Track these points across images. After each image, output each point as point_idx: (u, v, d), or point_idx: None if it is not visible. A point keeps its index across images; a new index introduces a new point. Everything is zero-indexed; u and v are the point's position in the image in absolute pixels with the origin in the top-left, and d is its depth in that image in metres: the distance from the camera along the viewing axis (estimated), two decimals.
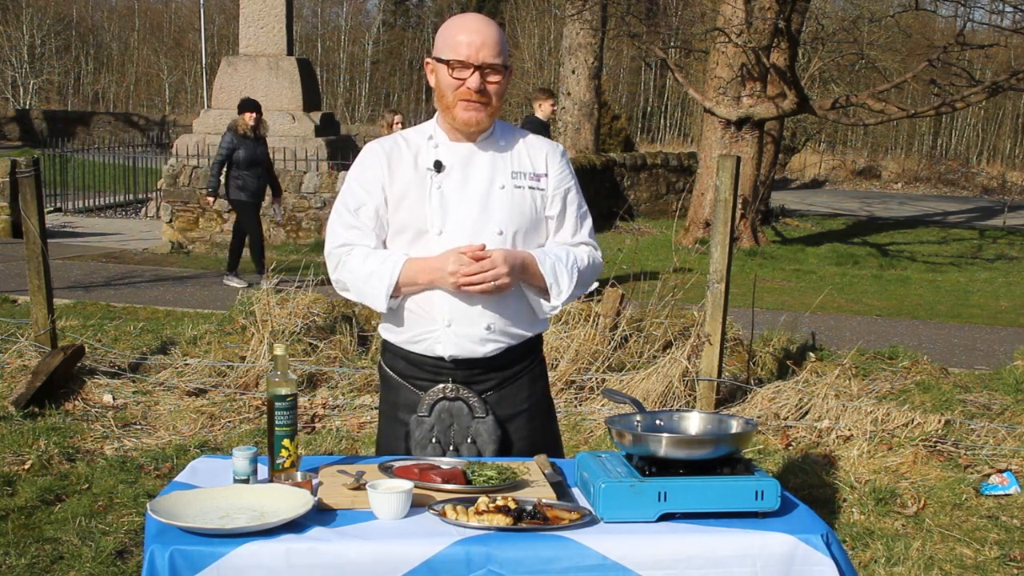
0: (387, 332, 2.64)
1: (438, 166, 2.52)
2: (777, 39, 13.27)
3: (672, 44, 17.74)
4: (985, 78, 20.58)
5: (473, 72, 2.45)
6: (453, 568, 1.96)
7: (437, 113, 2.59)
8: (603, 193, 17.18)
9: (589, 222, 2.69)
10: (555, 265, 2.54)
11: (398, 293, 2.50)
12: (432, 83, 2.54)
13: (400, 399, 2.64)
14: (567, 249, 2.61)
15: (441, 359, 2.56)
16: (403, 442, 2.63)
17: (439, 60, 2.49)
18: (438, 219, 2.50)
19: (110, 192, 16.82)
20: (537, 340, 2.70)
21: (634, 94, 39.80)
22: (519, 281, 2.52)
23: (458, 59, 2.45)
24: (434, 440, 2.58)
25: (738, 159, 5.51)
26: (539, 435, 2.68)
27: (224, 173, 9.80)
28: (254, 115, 9.66)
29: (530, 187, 2.56)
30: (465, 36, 2.46)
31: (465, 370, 2.57)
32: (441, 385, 2.58)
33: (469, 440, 2.59)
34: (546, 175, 2.59)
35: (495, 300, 2.51)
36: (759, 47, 13.10)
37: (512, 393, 2.63)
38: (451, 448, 2.59)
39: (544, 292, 2.56)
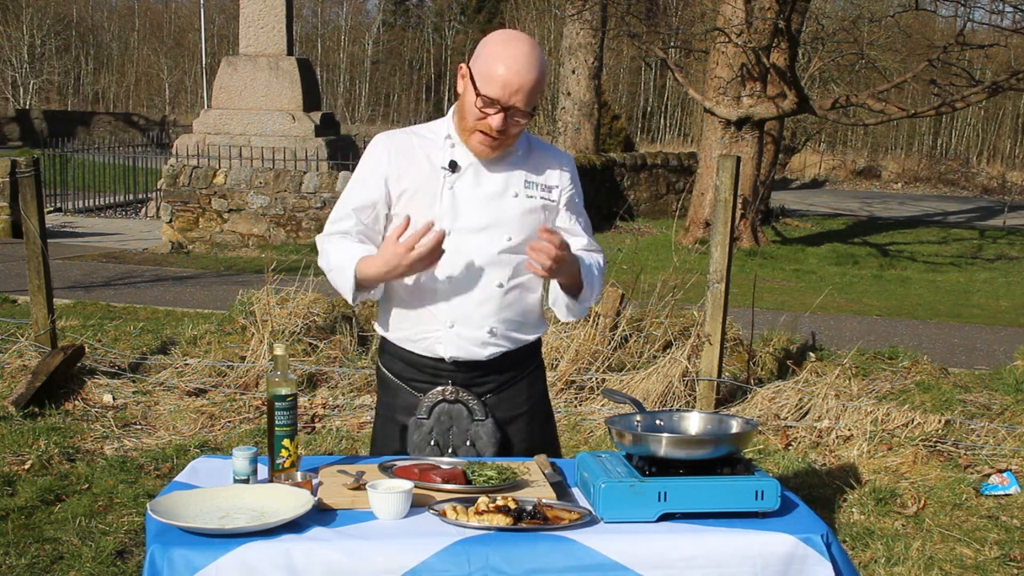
0: (385, 329, 2.62)
1: (453, 166, 2.48)
2: (777, 39, 13.26)
3: (672, 44, 17.71)
4: (985, 78, 20.58)
5: (499, 111, 2.38)
6: (452, 568, 1.96)
7: (453, 111, 2.53)
8: (603, 193, 17.18)
9: (591, 230, 2.69)
10: (591, 271, 2.56)
11: (364, 288, 2.47)
12: (460, 89, 2.46)
13: (398, 401, 2.63)
14: (593, 256, 2.62)
15: (441, 360, 2.55)
16: (399, 444, 2.63)
17: (472, 81, 2.40)
18: (448, 218, 2.47)
19: (110, 192, 16.80)
20: (537, 344, 2.70)
21: (634, 94, 39.79)
22: (560, 276, 2.48)
23: (488, 96, 2.36)
24: (432, 443, 2.58)
25: (738, 159, 5.51)
26: (537, 437, 2.68)
27: None
28: None
29: (541, 198, 2.55)
30: (504, 72, 2.34)
31: (465, 372, 2.56)
32: (440, 387, 2.57)
33: (468, 443, 2.58)
34: (557, 187, 2.58)
35: (500, 304, 2.51)
36: (759, 47, 13.09)
37: (512, 396, 2.63)
38: (449, 451, 2.58)
39: (574, 294, 2.57)
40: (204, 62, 32.08)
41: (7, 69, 42.82)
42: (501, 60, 2.35)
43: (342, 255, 2.46)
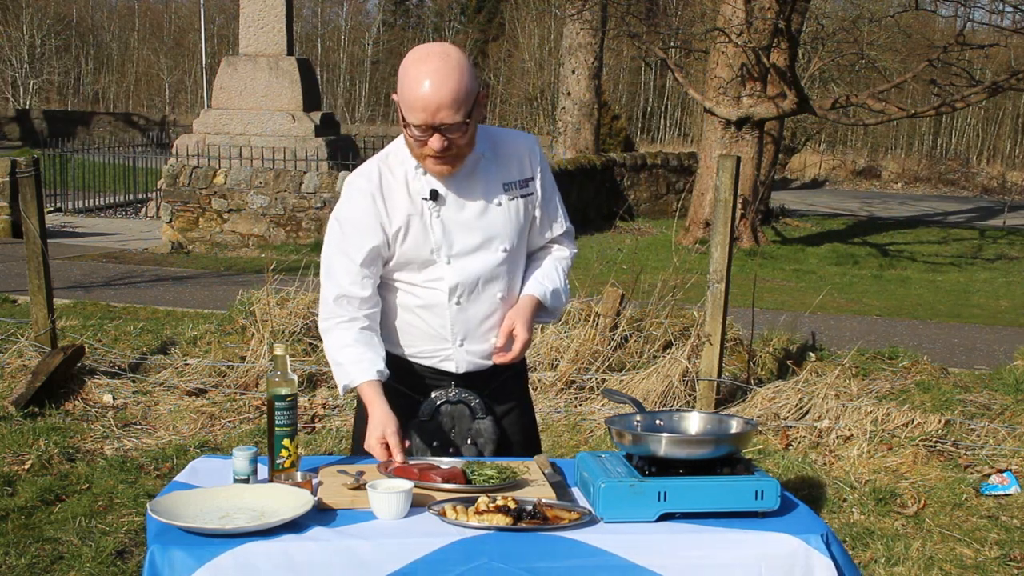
0: (389, 344, 2.58)
1: (434, 195, 2.45)
2: (777, 39, 13.26)
3: (672, 44, 17.71)
4: (985, 78, 20.57)
5: (433, 134, 2.31)
6: (452, 567, 1.96)
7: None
8: (603, 193, 17.18)
9: (564, 208, 2.68)
10: (556, 291, 2.60)
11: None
12: (400, 120, 2.40)
13: (395, 405, 2.62)
14: (555, 264, 2.65)
15: (448, 373, 2.58)
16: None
17: (400, 113, 2.35)
18: (444, 248, 2.47)
19: (110, 192, 16.80)
20: None
21: (634, 94, 39.75)
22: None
23: (415, 124, 2.30)
24: (435, 443, 2.59)
25: (738, 159, 5.51)
26: (528, 428, 2.73)
27: None
28: None
29: (522, 195, 2.55)
30: (421, 95, 2.26)
31: (467, 379, 2.59)
32: (442, 390, 2.59)
33: (469, 441, 2.60)
34: (532, 178, 2.57)
35: (502, 315, 2.55)
36: (759, 47, 13.09)
37: (505, 390, 2.66)
38: (451, 451, 2.59)
39: (544, 312, 2.64)
40: (204, 62, 32.06)
41: (7, 69, 42.81)
42: (415, 83, 2.28)
43: (345, 357, 2.46)
